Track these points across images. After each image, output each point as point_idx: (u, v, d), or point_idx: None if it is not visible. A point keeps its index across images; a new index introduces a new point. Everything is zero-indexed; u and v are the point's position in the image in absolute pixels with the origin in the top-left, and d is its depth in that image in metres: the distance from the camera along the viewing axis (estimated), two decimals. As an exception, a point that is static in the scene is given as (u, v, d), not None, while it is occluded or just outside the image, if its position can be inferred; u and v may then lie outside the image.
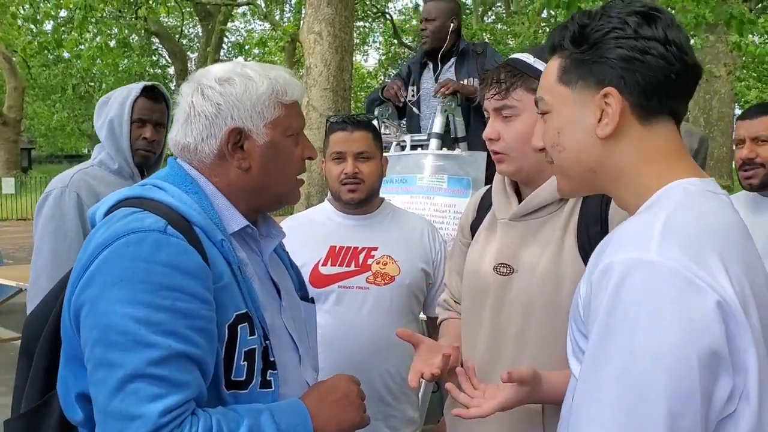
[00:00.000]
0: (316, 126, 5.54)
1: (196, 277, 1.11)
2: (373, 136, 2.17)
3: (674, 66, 0.96)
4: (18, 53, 10.03)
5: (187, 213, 1.19)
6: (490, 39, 15.14)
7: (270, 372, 1.22)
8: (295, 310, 1.41)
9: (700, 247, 0.85)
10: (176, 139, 1.28)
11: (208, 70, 1.31)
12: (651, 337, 0.81)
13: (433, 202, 3.18)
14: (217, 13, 19.34)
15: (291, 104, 1.30)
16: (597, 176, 1.02)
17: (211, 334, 1.12)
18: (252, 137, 1.26)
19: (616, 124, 0.97)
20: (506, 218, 1.53)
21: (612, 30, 0.97)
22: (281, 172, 1.31)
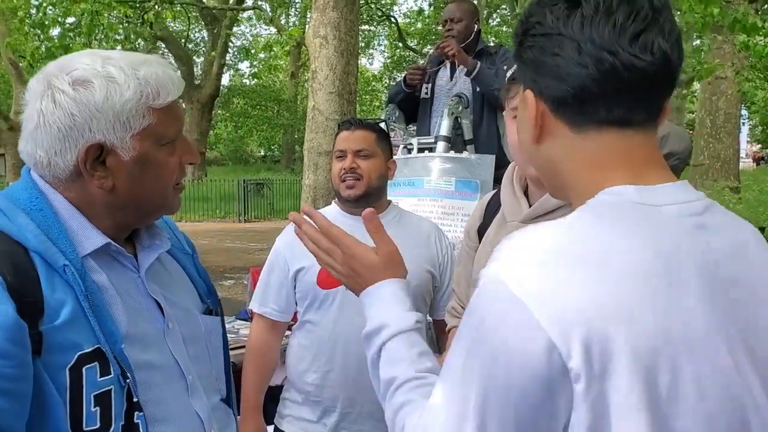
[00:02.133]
0: (322, 129, 5.54)
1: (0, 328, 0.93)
2: (377, 136, 2.18)
3: (587, 69, 0.78)
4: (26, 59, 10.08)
5: (21, 237, 1.01)
6: (495, 42, 15.14)
7: (137, 414, 1.05)
8: (189, 328, 1.23)
9: (548, 275, 0.73)
10: (26, 150, 1.08)
11: (62, 65, 1.07)
12: (477, 361, 0.75)
13: (441, 205, 3.18)
14: (223, 18, 19.40)
15: (165, 108, 1.09)
16: (549, 180, 0.91)
17: (17, 395, 0.94)
18: (116, 152, 1.06)
19: (540, 129, 0.85)
20: (517, 221, 1.52)
21: (534, 25, 0.83)
22: (152, 187, 1.12)
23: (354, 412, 2.06)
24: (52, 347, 0.98)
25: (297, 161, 26.75)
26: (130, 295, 1.14)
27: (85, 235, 1.08)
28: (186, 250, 1.36)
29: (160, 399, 1.11)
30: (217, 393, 1.28)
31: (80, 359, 1.00)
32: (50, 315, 0.98)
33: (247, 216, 18.95)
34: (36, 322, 0.97)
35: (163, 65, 1.12)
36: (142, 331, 1.12)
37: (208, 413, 1.20)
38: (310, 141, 5.69)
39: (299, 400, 2.13)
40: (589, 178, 0.83)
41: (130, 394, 1.04)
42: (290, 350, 2.20)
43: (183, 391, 1.17)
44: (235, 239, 14.18)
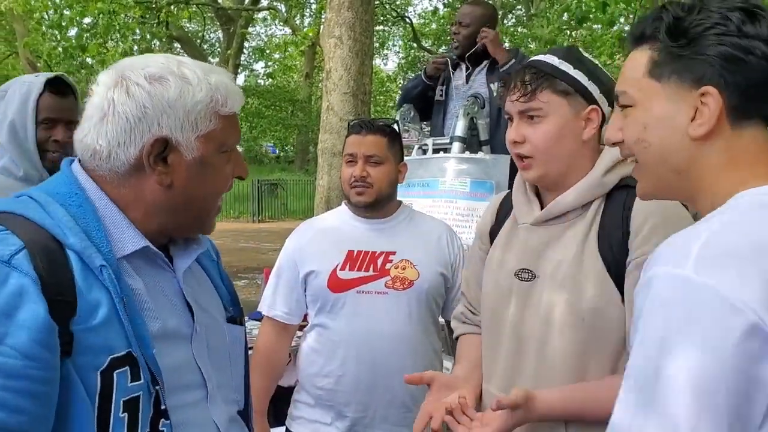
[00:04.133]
0: (336, 130, 5.54)
1: (26, 328, 0.92)
2: (389, 141, 2.14)
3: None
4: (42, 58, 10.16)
5: (60, 234, 1.00)
6: (511, 42, 15.08)
7: (162, 421, 1.04)
8: (214, 335, 1.22)
9: (742, 265, 0.79)
10: (85, 141, 1.08)
11: (137, 61, 1.11)
12: (680, 359, 0.77)
13: (456, 206, 3.15)
14: (238, 18, 19.49)
15: (229, 116, 1.13)
16: (680, 178, 0.97)
17: (43, 398, 0.93)
18: (179, 150, 1.07)
19: (712, 125, 0.92)
20: (528, 223, 1.50)
21: (714, 25, 0.91)
22: (207, 191, 1.14)
23: (367, 417, 2.05)
24: (84, 349, 0.97)
25: (311, 162, 26.80)
26: (165, 295, 1.13)
27: (124, 235, 1.07)
28: (212, 257, 1.35)
29: (181, 405, 1.10)
30: (234, 404, 1.26)
31: (112, 363, 0.99)
32: (83, 316, 0.97)
33: (261, 216, 19.02)
34: (67, 322, 0.96)
35: (231, 78, 1.15)
36: (172, 330, 1.12)
37: (225, 423, 1.19)
38: (324, 141, 5.68)
39: (311, 402, 2.12)
40: (738, 175, 0.92)
41: (158, 400, 1.03)
42: (301, 353, 2.19)
43: (203, 399, 1.16)
44: (249, 239, 14.23)
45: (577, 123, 1.44)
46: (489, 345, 1.57)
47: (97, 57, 9.02)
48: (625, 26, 10.86)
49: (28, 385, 0.92)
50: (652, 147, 0.98)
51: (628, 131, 1.02)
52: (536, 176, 1.48)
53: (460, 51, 3.66)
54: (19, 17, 13.57)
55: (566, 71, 1.44)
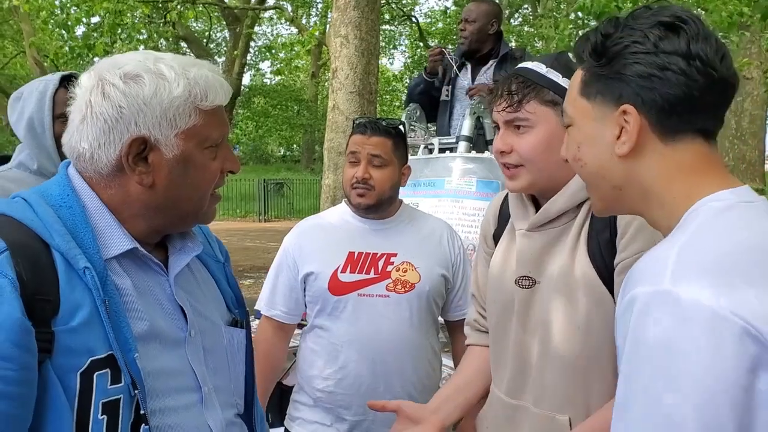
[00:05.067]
0: (342, 129, 5.53)
1: (4, 329, 0.91)
2: (394, 143, 2.10)
3: (697, 82, 0.90)
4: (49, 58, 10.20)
5: (46, 235, 1.00)
6: (517, 41, 15.04)
7: (143, 426, 1.02)
8: (212, 338, 1.21)
9: (720, 272, 0.79)
10: (70, 143, 1.08)
11: (114, 61, 1.09)
12: (673, 377, 0.76)
13: (462, 206, 3.14)
14: (245, 18, 19.49)
15: (211, 110, 1.10)
16: (624, 194, 0.98)
17: (17, 399, 0.92)
18: (159, 149, 1.06)
19: (635, 143, 0.93)
20: (524, 229, 1.48)
21: (631, 44, 0.92)
22: (192, 189, 1.11)
23: (367, 420, 2.03)
24: (65, 349, 0.96)
25: (317, 161, 26.81)
26: (155, 297, 1.12)
27: (112, 237, 1.07)
28: (218, 258, 1.34)
29: (169, 409, 1.08)
30: (233, 408, 1.25)
31: (92, 364, 0.98)
32: (65, 316, 0.97)
33: (266, 215, 19.04)
34: (48, 322, 0.96)
35: (213, 70, 1.12)
36: (161, 333, 1.10)
37: (221, 428, 1.17)
38: (330, 141, 5.68)
39: (310, 403, 2.11)
40: (680, 188, 0.92)
41: (139, 405, 1.02)
42: (300, 353, 2.17)
43: (197, 402, 1.14)
44: (254, 238, 14.25)
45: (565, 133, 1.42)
46: (496, 351, 1.56)
47: (104, 56, 9.04)
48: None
49: (4, 386, 0.91)
50: (587, 166, 1.00)
51: (567, 150, 1.04)
52: (522, 186, 1.45)
53: (468, 47, 3.65)
54: (26, 16, 13.63)
55: (554, 80, 1.40)
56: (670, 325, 0.77)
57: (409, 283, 2.06)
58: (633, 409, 0.80)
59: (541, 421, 1.41)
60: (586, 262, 1.37)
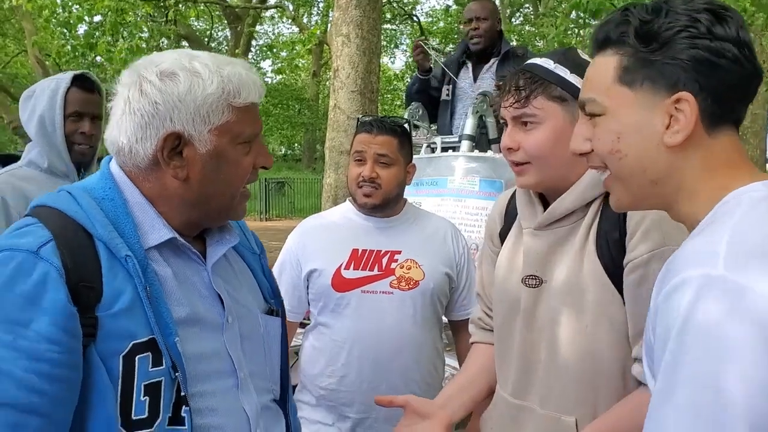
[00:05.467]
0: (344, 128, 5.53)
1: (50, 314, 0.97)
2: (399, 141, 2.10)
3: (747, 70, 0.89)
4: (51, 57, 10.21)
5: (89, 225, 1.06)
6: (518, 41, 15.03)
7: (183, 408, 1.07)
8: (248, 326, 1.25)
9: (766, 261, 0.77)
10: (110, 137, 1.13)
11: (152, 59, 1.14)
12: (723, 359, 0.74)
13: (465, 205, 3.14)
14: (246, 16, 19.50)
15: (245, 107, 1.14)
16: (657, 188, 0.94)
17: (64, 381, 0.98)
18: (193, 144, 1.10)
19: (689, 133, 0.89)
20: (531, 228, 1.47)
21: (684, 28, 0.88)
22: (224, 184, 1.15)
23: (370, 418, 2.03)
24: (108, 334, 1.02)
25: (318, 160, 26.80)
26: (194, 285, 1.17)
27: (152, 227, 1.13)
28: (254, 249, 1.39)
29: (208, 392, 1.13)
30: (268, 393, 1.29)
31: (134, 348, 1.03)
32: (108, 302, 1.03)
33: (268, 214, 19.04)
34: (93, 307, 1.01)
35: (248, 68, 1.16)
36: (200, 318, 1.15)
37: (256, 411, 1.21)
38: (331, 140, 5.67)
39: (313, 402, 2.11)
40: (719, 181, 0.90)
41: (180, 387, 1.07)
42: (303, 351, 2.17)
43: (233, 386, 1.19)
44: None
45: (573, 129, 1.40)
46: (501, 351, 1.55)
47: (106, 55, 9.04)
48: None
49: (50, 368, 0.96)
50: (628, 157, 0.94)
51: (599, 141, 0.98)
52: (531, 183, 1.44)
53: (483, 45, 3.66)
54: (28, 15, 13.63)
55: (562, 76, 1.39)
56: (724, 310, 0.76)
57: (413, 280, 2.06)
58: (680, 394, 0.78)
59: (547, 422, 1.40)
60: (594, 261, 1.36)
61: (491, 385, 1.61)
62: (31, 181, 2.17)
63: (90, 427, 1.01)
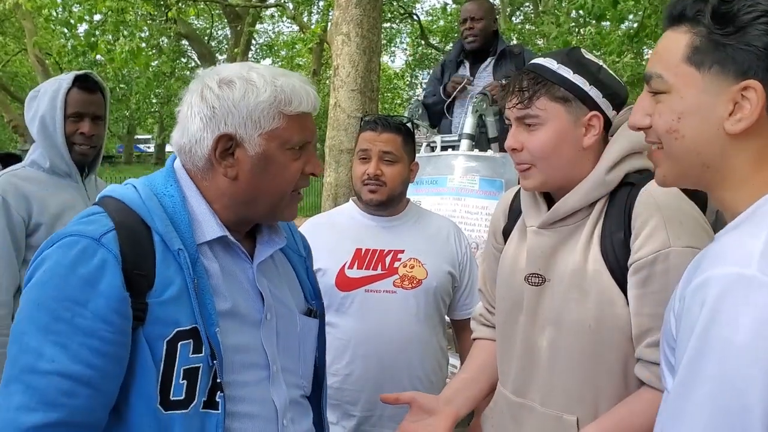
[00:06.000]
0: (344, 127, 5.53)
1: (106, 296, 1.08)
2: (403, 139, 2.12)
3: None
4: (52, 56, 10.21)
5: (148, 218, 1.16)
6: (518, 39, 15.02)
7: (218, 393, 1.16)
8: (286, 324, 1.33)
9: None
10: (175, 138, 1.25)
11: (216, 69, 1.26)
12: (747, 360, 0.74)
13: (464, 204, 3.14)
14: (246, 15, 19.48)
15: (296, 116, 1.22)
16: (707, 172, 0.92)
17: (113, 358, 1.09)
18: (243, 146, 1.20)
19: (752, 122, 0.86)
20: (535, 226, 1.47)
21: (764, 14, 0.84)
22: (271, 185, 1.23)
23: (374, 416, 2.04)
24: (156, 319, 1.11)
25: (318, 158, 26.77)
26: (239, 281, 1.26)
27: (206, 224, 1.22)
28: (301, 252, 1.48)
29: (241, 382, 1.21)
30: (299, 389, 1.36)
31: (178, 334, 1.13)
32: (158, 290, 1.12)
33: (268, 213, 18.98)
34: (144, 294, 1.11)
35: (304, 81, 1.25)
36: (240, 312, 1.23)
37: (284, 404, 1.29)
38: (331, 138, 5.67)
39: (317, 399, 2.11)
40: (763, 176, 0.88)
41: (216, 374, 1.15)
42: None
43: (264, 379, 1.27)
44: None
45: (577, 130, 1.39)
46: (503, 349, 1.56)
47: (107, 55, 9.05)
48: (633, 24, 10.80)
49: (101, 344, 1.07)
50: (685, 139, 0.92)
51: (660, 119, 0.95)
52: (535, 184, 1.44)
53: (478, 44, 3.67)
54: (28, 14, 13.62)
55: (565, 76, 1.39)
56: (752, 312, 0.75)
57: (416, 279, 2.07)
58: (699, 391, 0.78)
59: (548, 421, 1.41)
60: (599, 261, 1.36)
61: (494, 381, 1.62)
62: (33, 182, 2.18)
63: (132, 402, 1.11)
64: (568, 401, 1.39)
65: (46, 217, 2.16)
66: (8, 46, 20.47)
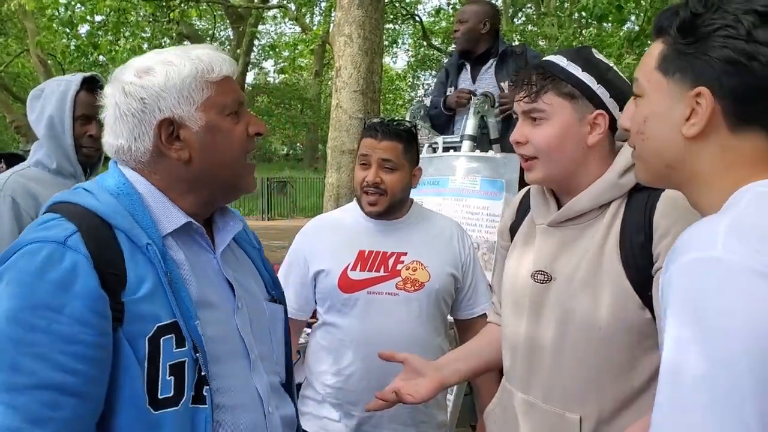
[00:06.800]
0: (346, 128, 5.53)
1: (81, 298, 1.02)
2: (404, 146, 2.09)
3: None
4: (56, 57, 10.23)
5: (110, 217, 1.12)
6: (520, 40, 15.02)
7: (205, 387, 1.13)
8: (255, 311, 1.32)
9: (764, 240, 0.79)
10: (110, 142, 1.21)
11: (127, 65, 1.22)
12: (724, 338, 0.76)
13: (466, 204, 3.14)
14: (248, 16, 19.52)
15: (221, 80, 1.21)
16: (673, 173, 0.98)
17: (96, 361, 1.03)
18: (186, 125, 1.18)
19: (703, 127, 0.92)
20: (544, 224, 1.48)
21: (724, 27, 0.90)
22: (225, 155, 1.21)
23: (376, 415, 2.04)
24: (134, 317, 1.07)
25: (320, 160, 26.82)
26: (206, 273, 1.24)
27: (166, 215, 1.19)
28: (254, 244, 1.47)
29: (224, 373, 1.19)
30: (276, 375, 1.35)
31: (158, 330, 1.09)
32: (132, 288, 1.08)
33: (270, 214, 19.06)
34: (119, 294, 1.07)
35: (213, 49, 1.24)
36: (214, 303, 1.22)
37: (267, 391, 1.28)
38: (333, 140, 5.68)
39: (319, 399, 2.12)
40: (734, 178, 0.91)
41: (201, 367, 1.13)
42: (310, 350, 2.18)
43: (246, 367, 1.25)
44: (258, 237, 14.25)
45: (582, 127, 1.41)
46: (508, 345, 1.56)
47: (108, 55, 9.07)
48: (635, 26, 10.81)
49: (83, 349, 1.02)
50: (648, 140, 1.00)
51: (633, 121, 1.03)
52: (538, 178, 1.46)
53: (460, 47, 3.69)
54: (30, 14, 13.65)
55: (573, 73, 1.40)
56: (721, 289, 0.77)
57: (419, 281, 2.07)
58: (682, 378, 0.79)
59: (551, 418, 1.41)
60: (616, 262, 1.35)
61: (492, 362, 1.66)
62: (40, 182, 2.19)
63: (118, 407, 1.07)
64: (571, 400, 1.39)
65: None
66: (10, 46, 20.52)
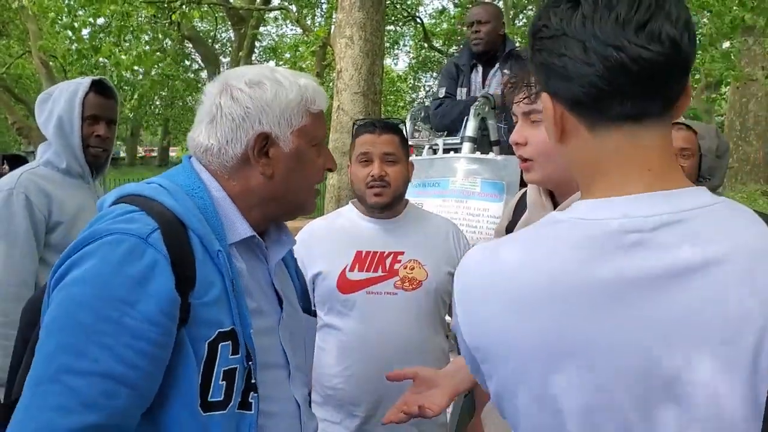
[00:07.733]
0: (347, 130, 5.55)
1: (155, 297, 1.05)
2: (400, 140, 2.16)
3: (594, 67, 0.77)
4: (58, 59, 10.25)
5: (187, 219, 1.14)
6: (521, 42, 15.02)
7: (252, 394, 1.17)
8: (295, 323, 1.36)
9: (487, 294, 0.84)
10: (198, 140, 1.24)
11: (237, 71, 1.28)
12: None
13: (466, 206, 3.15)
14: (250, 18, 19.52)
15: (317, 113, 1.28)
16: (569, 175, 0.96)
17: (157, 360, 1.07)
18: (278, 144, 1.23)
19: (561, 130, 0.85)
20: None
21: (541, 28, 0.82)
22: (302, 181, 1.28)
23: (377, 416, 2.05)
24: (198, 320, 1.11)
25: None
26: (260, 283, 1.28)
27: (235, 224, 1.22)
28: (293, 254, 1.50)
29: (267, 381, 1.22)
30: (306, 387, 1.39)
31: (219, 336, 1.12)
32: (200, 291, 1.11)
33: (271, 215, 18.98)
34: (187, 295, 1.10)
35: (316, 81, 1.30)
36: (264, 313, 1.26)
37: (304, 401, 1.33)
38: (334, 141, 5.69)
39: (320, 401, 2.13)
40: (602, 181, 0.83)
41: (249, 374, 1.16)
42: None
43: (285, 378, 1.30)
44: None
45: None
46: None
47: (111, 60, 9.09)
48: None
49: (147, 346, 1.05)
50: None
51: None
52: (536, 179, 1.47)
53: (483, 48, 3.67)
54: (32, 16, 13.67)
55: None
56: None
57: (417, 280, 2.09)
58: None
59: None
60: None
61: None
62: (51, 181, 2.24)
63: (169, 405, 1.10)
64: None
65: (65, 216, 2.21)
66: (12, 48, 20.53)
